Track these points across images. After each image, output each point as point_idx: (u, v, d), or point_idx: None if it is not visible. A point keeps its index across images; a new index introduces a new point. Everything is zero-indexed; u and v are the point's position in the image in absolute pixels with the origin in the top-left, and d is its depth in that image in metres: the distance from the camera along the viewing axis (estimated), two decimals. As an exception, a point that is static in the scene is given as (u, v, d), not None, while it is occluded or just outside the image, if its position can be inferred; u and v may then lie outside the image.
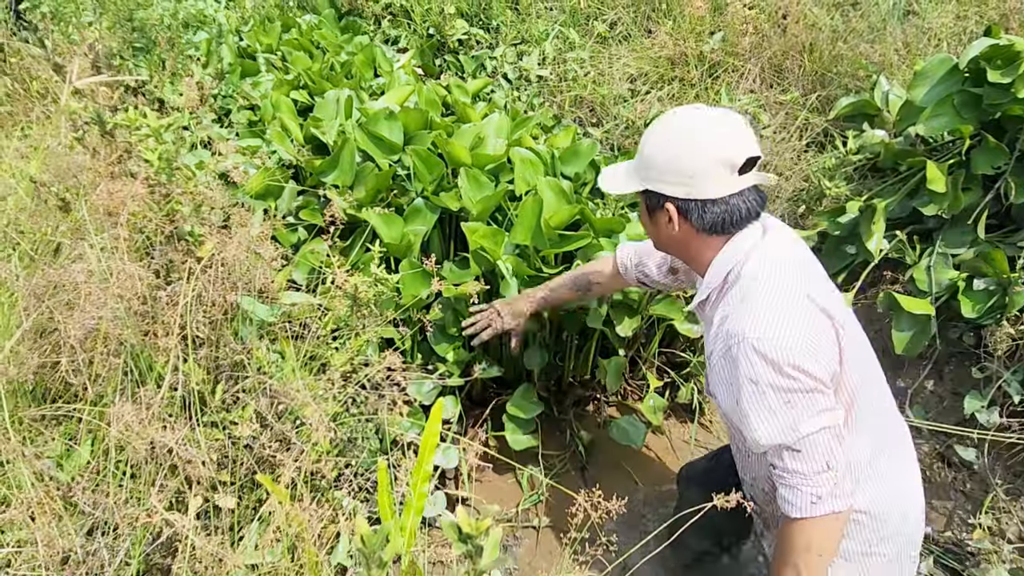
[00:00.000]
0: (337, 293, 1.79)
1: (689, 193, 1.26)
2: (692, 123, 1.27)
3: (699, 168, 1.24)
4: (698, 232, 1.30)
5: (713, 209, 1.26)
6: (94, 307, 1.41)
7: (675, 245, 1.38)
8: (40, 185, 1.76)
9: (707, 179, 1.24)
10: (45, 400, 1.52)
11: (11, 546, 1.29)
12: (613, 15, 3.36)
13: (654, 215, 1.36)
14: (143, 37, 2.83)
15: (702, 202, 1.26)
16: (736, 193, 1.26)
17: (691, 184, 1.25)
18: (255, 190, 2.28)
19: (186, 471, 1.34)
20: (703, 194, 1.25)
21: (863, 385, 1.28)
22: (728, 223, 1.27)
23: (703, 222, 1.28)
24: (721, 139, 1.24)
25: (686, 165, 1.25)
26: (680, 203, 1.28)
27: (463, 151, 2.20)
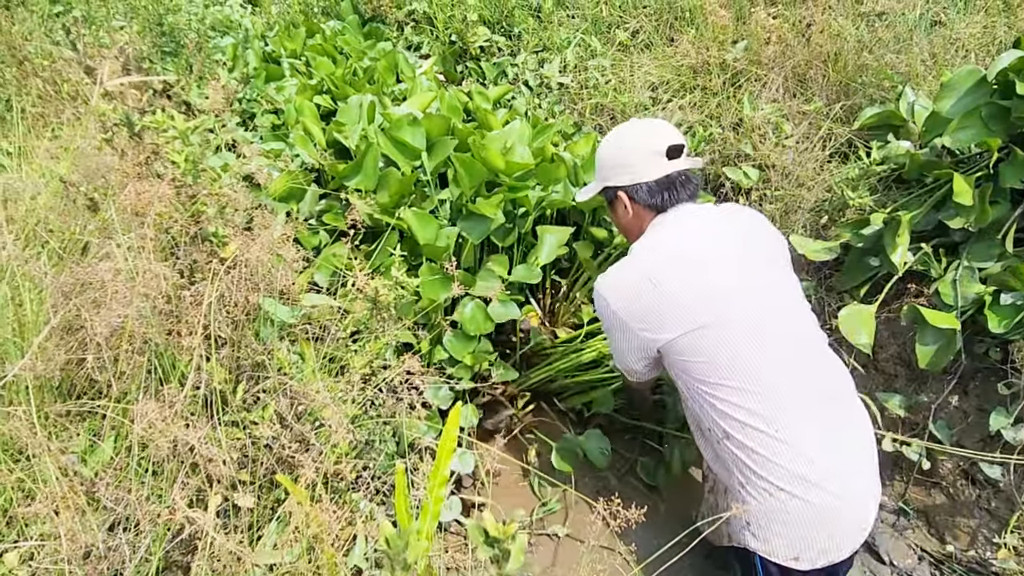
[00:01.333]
0: (358, 296, 1.80)
1: (633, 179, 1.63)
2: (624, 129, 1.71)
3: (634, 158, 1.62)
4: (645, 209, 1.64)
5: (653, 187, 1.61)
6: (120, 305, 1.43)
7: (632, 226, 1.70)
8: (69, 185, 1.79)
9: (643, 165, 1.61)
10: (71, 396, 1.54)
11: (35, 539, 1.31)
12: (635, 23, 3.36)
13: (613, 206, 1.73)
14: (171, 41, 2.88)
15: (645, 184, 1.61)
16: (670, 174, 1.60)
17: (631, 172, 1.63)
18: (278, 193, 2.30)
19: (207, 469, 1.36)
20: (643, 177, 1.61)
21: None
22: (667, 200, 1.61)
23: (647, 200, 1.62)
24: (645, 134, 1.64)
25: (625, 157, 1.64)
26: (628, 189, 1.65)
27: (499, 157, 2.21)
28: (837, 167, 2.51)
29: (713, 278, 1.48)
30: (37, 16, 2.85)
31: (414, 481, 1.86)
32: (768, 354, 1.43)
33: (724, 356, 1.43)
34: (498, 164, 2.23)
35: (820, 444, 1.39)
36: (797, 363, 1.46)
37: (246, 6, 3.87)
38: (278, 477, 1.29)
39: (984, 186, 1.98)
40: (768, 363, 1.42)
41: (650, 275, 1.49)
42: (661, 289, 1.48)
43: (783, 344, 1.46)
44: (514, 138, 2.39)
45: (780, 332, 1.48)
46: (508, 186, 2.28)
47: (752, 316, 1.46)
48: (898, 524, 2.14)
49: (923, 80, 2.59)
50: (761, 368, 1.42)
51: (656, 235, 1.61)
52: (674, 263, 1.51)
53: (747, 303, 1.47)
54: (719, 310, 1.45)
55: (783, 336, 1.48)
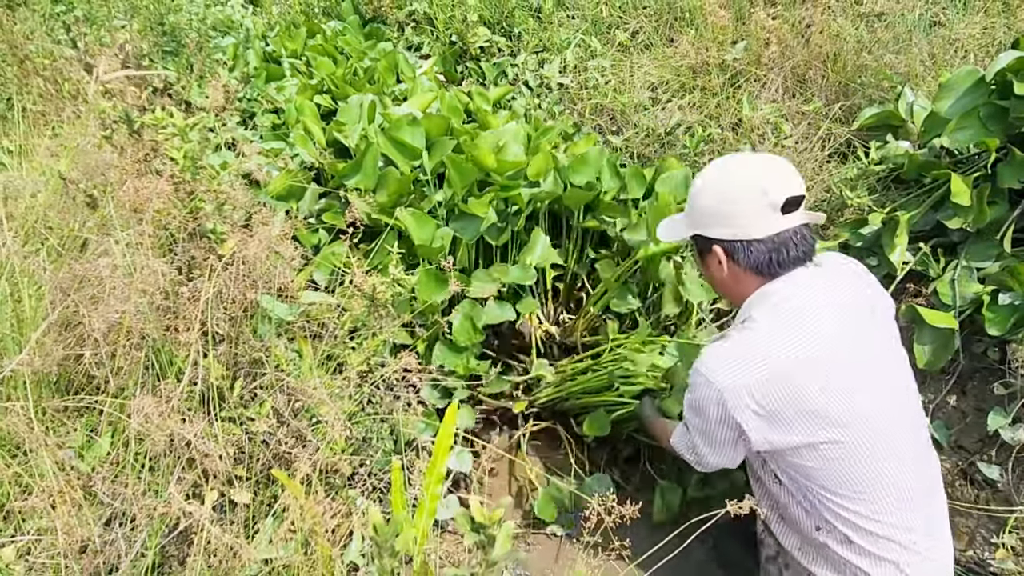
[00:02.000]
0: (355, 293, 1.81)
1: (735, 234, 1.31)
2: (732, 167, 1.35)
3: (740, 209, 1.29)
4: (746, 272, 1.33)
5: (759, 248, 1.29)
6: (118, 301, 1.44)
7: (728, 287, 1.41)
8: (69, 182, 1.79)
9: (749, 219, 1.29)
10: (68, 391, 1.54)
11: (32, 534, 1.31)
12: (635, 23, 3.37)
13: (705, 259, 1.42)
14: (172, 41, 2.89)
15: (747, 242, 1.30)
16: (781, 232, 1.28)
17: (734, 225, 1.30)
18: (278, 191, 2.31)
19: (203, 465, 1.36)
20: (747, 234, 1.29)
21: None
22: (774, 263, 1.30)
23: (749, 261, 1.31)
24: (760, 180, 1.28)
25: (727, 207, 1.30)
26: (726, 244, 1.33)
27: (490, 156, 2.21)
28: (836, 167, 2.52)
29: (846, 380, 1.28)
30: (39, 15, 2.87)
31: (411, 479, 1.86)
32: (898, 462, 1.30)
33: (856, 469, 1.28)
34: (489, 163, 2.23)
35: (926, 534, 1.33)
36: (915, 460, 1.35)
37: (247, 6, 3.88)
38: (274, 472, 1.30)
39: (982, 186, 1.98)
40: (898, 471, 1.30)
41: (782, 376, 1.24)
42: (794, 394, 1.24)
43: (907, 444, 1.34)
44: (508, 138, 2.40)
45: (904, 432, 1.34)
46: (500, 184, 2.28)
47: (883, 422, 1.30)
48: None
49: (922, 80, 2.59)
50: (892, 477, 1.29)
51: (774, 315, 1.30)
52: (807, 363, 1.26)
53: (877, 406, 1.30)
54: (852, 418, 1.27)
55: (906, 434, 1.34)
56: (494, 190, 2.27)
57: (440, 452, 1.40)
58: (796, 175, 1.31)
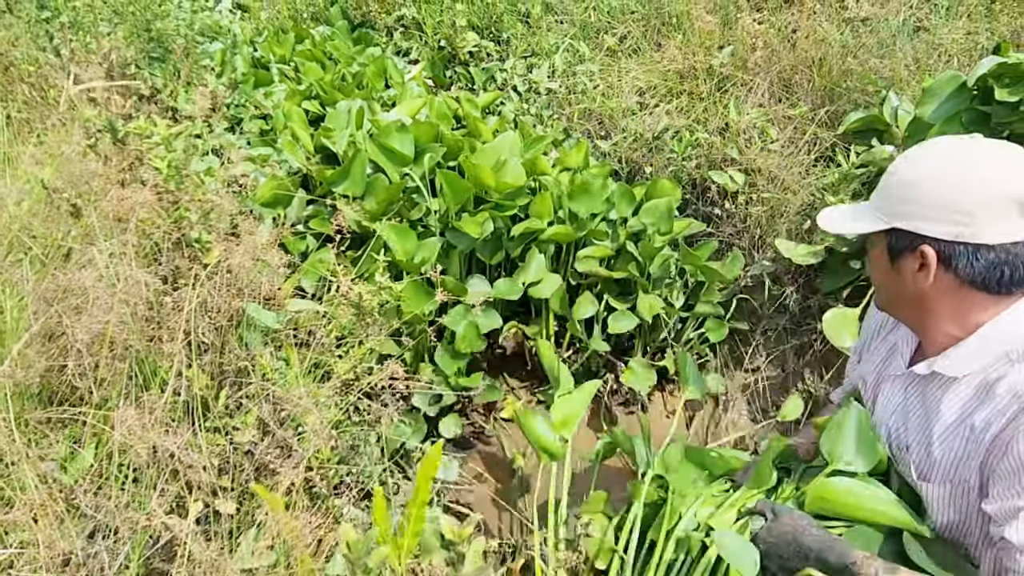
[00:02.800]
0: (342, 301, 1.81)
1: (960, 235, 1.02)
2: (969, 150, 1.06)
3: (979, 203, 1.01)
4: (961, 285, 1.06)
5: (987, 256, 1.03)
6: (101, 312, 1.43)
7: (917, 302, 1.12)
8: (53, 191, 1.78)
9: (988, 219, 1.01)
10: (51, 403, 1.53)
11: (13, 547, 1.30)
12: (623, 29, 3.38)
13: (898, 261, 1.12)
14: (159, 47, 2.88)
15: (974, 247, 1.03)
16: (1019, 242, 1.02)
17: (966, 223, 1.02)
18: (264, 198, 2.30)
19: (187, 476, 1.35)
20: (977, 237, 1.02)
21: None
22: (1005, 279, 1.03)
23: (972, 272, 1.04)
24: (1011, 171, 1.01)
25: (962, 199, 1.02)
26: (944, 246, 1.05)
27: (489, 175, 2.20)
28: (822, 171, 2.53)
29: None
30: (24, 22, 2.85)
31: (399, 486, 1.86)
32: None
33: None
34: (489, 182, 2.23)
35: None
36: None
37: (235, 11, 3.87)
38: (254, 487, 1.29)
39: None
40: None
41: None
42: None
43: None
44: (506, 152, 2.36)
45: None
46: (495, 203, 2.27)
47: None
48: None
49: (907, 85, 2.61)
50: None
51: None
52: None
53: None
54: None
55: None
56: (489, 208, 2.26)
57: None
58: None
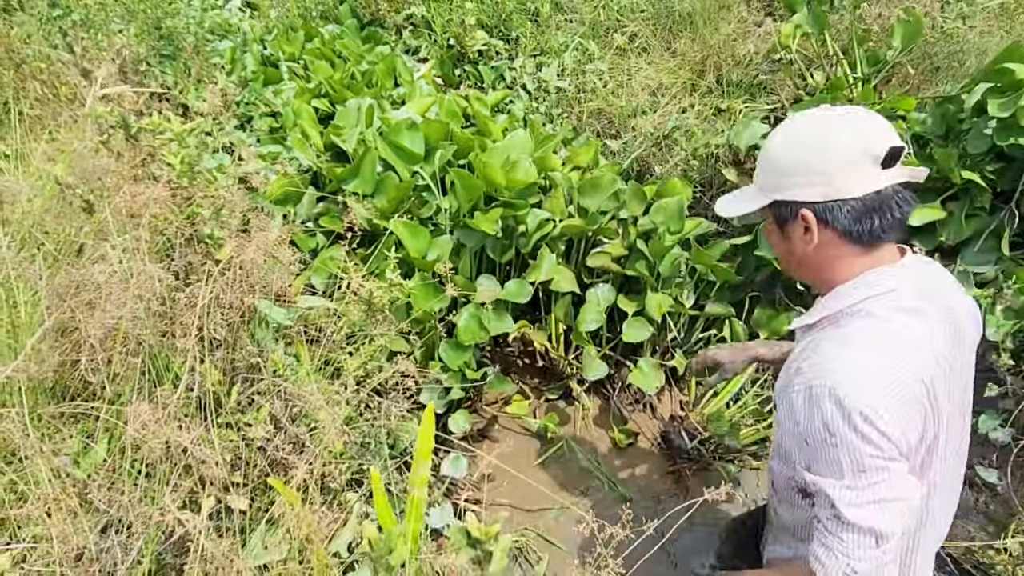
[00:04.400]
0: (353, 298, 1.80)
1: (828, 194, 1.09)
2: (820, 118, 1.12)
3: (837, 161, 1.08)
4: (841, 239, 1.12)
5: (856, 208, 1.08)
6: (114, 307, 1.43)
7: (814, 263, 1.18)
8: (65, 187, 1.79)
9: (848, 173, 1.07)
10: (64, 398, 1.53)
11: (27, 541, 1.30)
12: (633, 27, 3.37)
13: (786, 229, 1.18)
14: (170, 45, 2.88)
15: (843, 201, 1.09)
16: (883, 190, 1.07)
17: (829, 182, 1.09)
18: (275, 195, 2.30)
19: (200, 471, 1.35)
20: (843, 192, 1.08)
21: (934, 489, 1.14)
22: (876, 226, 1.09)
23: (848, 224, 1.09)
24: (857, 127, 1.08)
25: (821, 161, 1.09)
26: (818, 207, 1.11)
27: (499, 173, 2.20)
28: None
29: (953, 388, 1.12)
30: (36, 19, 2.86)
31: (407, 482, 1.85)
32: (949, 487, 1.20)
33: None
34: (499, 180, 2.22)
35: None
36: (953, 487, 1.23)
37: (245, 10, 3.88)
38: (270, 480, 1.29)
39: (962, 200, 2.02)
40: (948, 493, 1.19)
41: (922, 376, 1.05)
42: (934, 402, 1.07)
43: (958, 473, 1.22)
44: (516, 151, 2.36)
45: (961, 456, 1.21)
46: (506, 201, 2.26)
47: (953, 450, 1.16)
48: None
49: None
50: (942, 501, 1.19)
51: (884, 300, 1.10)
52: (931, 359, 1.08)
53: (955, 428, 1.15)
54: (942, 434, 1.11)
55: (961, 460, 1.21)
56: (500, 206, 2.26)
57: (420, 456, 1.39)
58: (888, 124, 1.11)
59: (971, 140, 1.99)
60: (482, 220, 2.16)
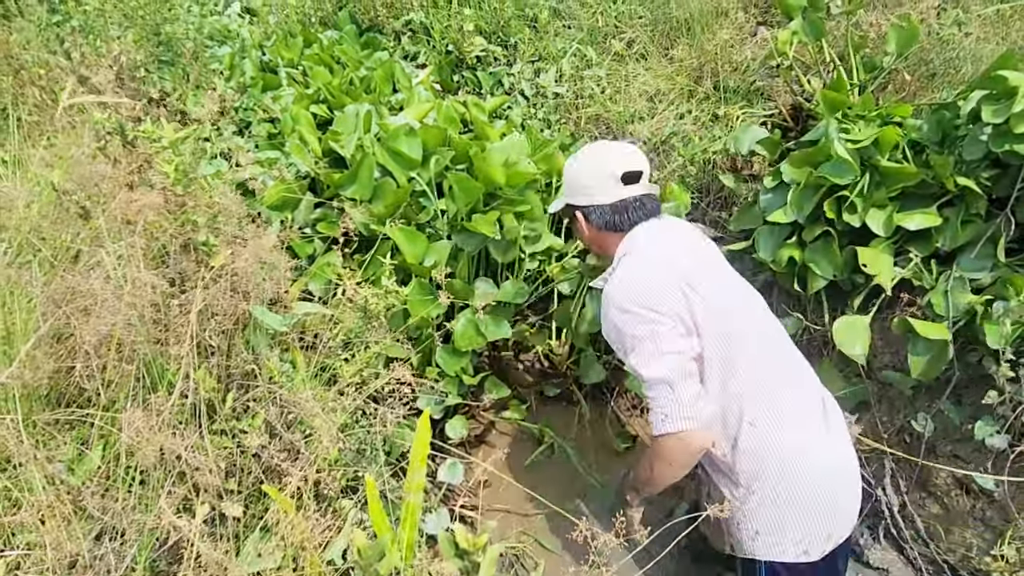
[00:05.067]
0: (349, 305, 1.80)
1: (589, 200, 1.68)
2: (589, 150, 1.74)
3: (590, 180, 1.67)
4: (599, 230, 1.70)
5: (606, 210, 1.66)
6: (109, 314, 1.43)
7: (593, 244, 1.78)
8: (62, 193, 1.79)
9: (597, 188, 1.66)
10: (59, 404, 1.53)
11: (21, 548, 1.30)
12: (631, 33, 3.38)
13: (573, 223, 1.78)
14: (168, 51, 2.89)
15: (598, 207, 1.67)
16: (624, 199, 1.65)
17: (587, 193, 1.68)
18: (272, 201, 2.30)
19: (194, 478, 1.35)
20: (598, 200, 1.67)
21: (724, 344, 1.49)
22: (619, 223, 1.66)
23: (601, 221, 1.68)
24: (604, 158, 1.67)
25: (582, 179, 1.69)
26: (583, 209, 1.70)
27: (498, 171, 2.20)
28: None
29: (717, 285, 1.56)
30: (34, 26, 2.87)
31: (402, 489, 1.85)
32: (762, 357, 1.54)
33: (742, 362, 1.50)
34: (498, 179, 2.22)
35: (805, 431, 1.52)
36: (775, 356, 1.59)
37: (244, 16, 3.89)
38: (265, 487, 1.29)
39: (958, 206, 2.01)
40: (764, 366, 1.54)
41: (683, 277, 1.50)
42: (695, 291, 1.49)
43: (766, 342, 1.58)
44: (514, 153, 2.36)
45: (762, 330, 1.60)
46: (506, 199, 2.26)
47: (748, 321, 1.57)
48: (891, 535, 2.12)
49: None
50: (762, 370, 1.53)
51: (646, 248, 1.62)
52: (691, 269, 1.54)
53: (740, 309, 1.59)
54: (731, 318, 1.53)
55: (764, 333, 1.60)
56: (501, 204, 2.25)
57: (416, 461, 1.39)
58: (640, 156, 1.68)
59: (967, 147, 2.00)
60: (481, 222, 2.16)
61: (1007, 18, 2.74)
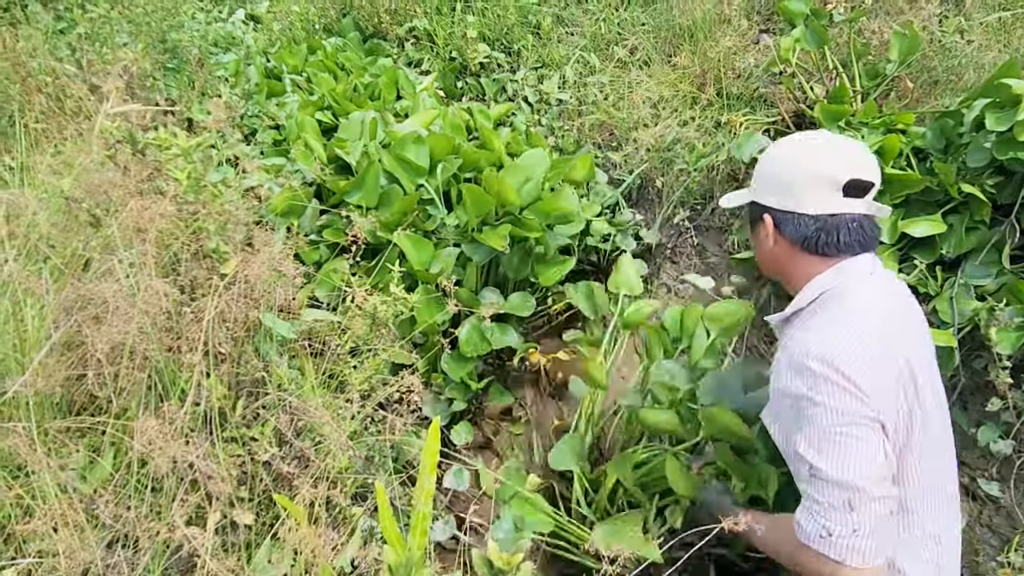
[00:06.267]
0: (357, 312, 1.81)
1: (785, 204, 1.24)
2: (804, 138, 1.29)
3: (798, 179, 1.22)
4: (793, 247, 1.27)
5: (808, 224, 1.23)
6: (121, 322, 1.44)
7: (775, 263, 1.33)
8: (72, 201, 1.80)
9: (805, 192, 1.22)
10: (70, 412, 1.54)
11: (33, 557, 1.30)
12: (634, 40, 3.40)
13: (755, 229, 1.35)
14: (174, 58, 2.90)
15: (798, 215, 1.23)
16: (836, 215, 1.21)
17: (788, 194, 1.24)
18: (279, 208, 2.31)
19: (206, 486, 1.35)
20: (799, 207, 1.23)
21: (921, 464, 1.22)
22: (824, 243, 1.22)
23: (796, 236, 1.24)
24: (828, 155, 1.22)
25: (786, 175, 1.24)
26: (776, 214, 1.27)
27: (513, 193, 2.19)
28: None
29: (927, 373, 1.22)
30: (41, 33, 2.88)
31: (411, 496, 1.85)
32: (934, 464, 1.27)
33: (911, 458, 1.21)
34: (512, 199, 2.21)
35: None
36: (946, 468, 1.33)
37: (248, 23, 3.90)
38: (276, 498, 1.29)
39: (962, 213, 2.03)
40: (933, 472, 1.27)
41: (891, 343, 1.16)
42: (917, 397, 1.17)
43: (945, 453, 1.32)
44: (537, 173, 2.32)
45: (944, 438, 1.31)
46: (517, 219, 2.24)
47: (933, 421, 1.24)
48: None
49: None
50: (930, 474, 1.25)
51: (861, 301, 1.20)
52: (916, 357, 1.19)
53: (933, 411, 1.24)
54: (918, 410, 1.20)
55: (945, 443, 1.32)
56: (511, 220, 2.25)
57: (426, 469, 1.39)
58: (873, 162, 1.23)
59: (971, 154, 2.01)
60: (491, 236, 2.16)
61: (1009, 25, 2.76)
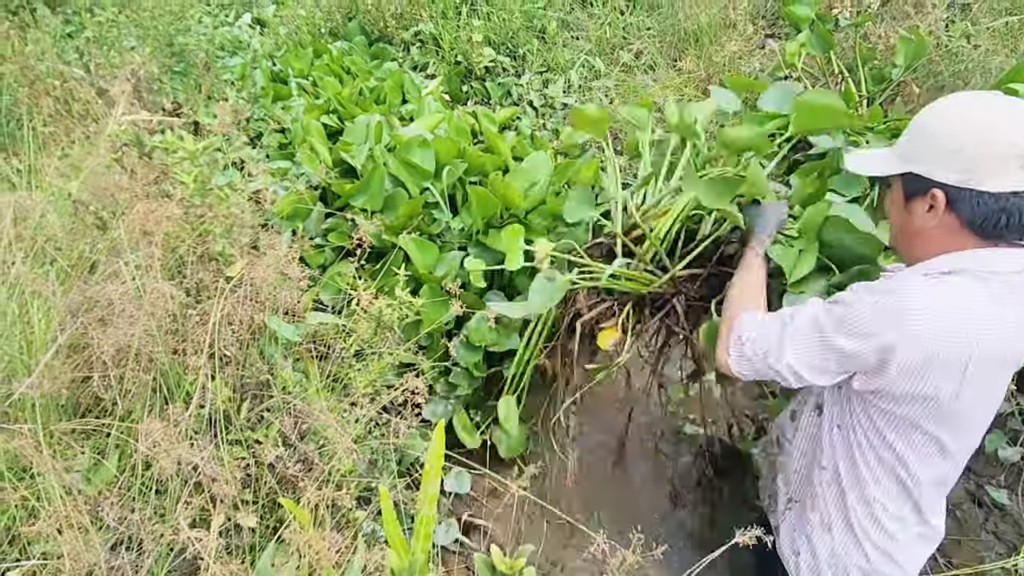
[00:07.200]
0: (362, 315, 1.81)
1: (966, 181, 1.11)
2: (986, 105, 1.13)
3: (987, 152, 1.09)
4: (962, 227, 1.14)
5: (989, 203, 1.10)
6: (127, 324, 1.44)
7: (919, 239, 1.21)
8: (79, 204, 1.81)
9: (991, 168, 1.09)
10: (76, 414, 1.54)
11: (37, 558, 1.31)
12: (639, 44, 3.40)
13: (911, 202, 1.20)
14: (181, 61, 2.92)
15: (978, 193, 1.11)
16: (1020, 192, 1.09)
17: (970, 171, 1.10)
18: (284, 211, 2.32)
19: (211, 489, 1.36)
20: (982, 184, 1.10)
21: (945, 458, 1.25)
22: (1000, 225, 1.11)
23: (973, 215, 1.12)
24: (1018, 128, 1.08)
25: (970, 149, 1.10)
26: (951, 191, 1.13)
27: (518, 196, 2.20)
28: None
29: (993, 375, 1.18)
30: (49, 36, 2.90)
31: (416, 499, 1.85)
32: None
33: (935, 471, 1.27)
34: (518, 203, 2.21)
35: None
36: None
37: (255, 27, 3.92)
38: (281, 500, 1.29)
39: None
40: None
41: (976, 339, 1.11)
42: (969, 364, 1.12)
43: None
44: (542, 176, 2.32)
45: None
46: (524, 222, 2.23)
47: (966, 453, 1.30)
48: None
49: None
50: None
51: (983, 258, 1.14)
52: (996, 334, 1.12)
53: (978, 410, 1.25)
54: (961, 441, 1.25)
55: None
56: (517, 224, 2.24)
57: (430, 473, 1.39)
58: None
59: (977, 159, 2.00)
60: (498, 238, 2.16)
61: (1016, 30, 2.75)
